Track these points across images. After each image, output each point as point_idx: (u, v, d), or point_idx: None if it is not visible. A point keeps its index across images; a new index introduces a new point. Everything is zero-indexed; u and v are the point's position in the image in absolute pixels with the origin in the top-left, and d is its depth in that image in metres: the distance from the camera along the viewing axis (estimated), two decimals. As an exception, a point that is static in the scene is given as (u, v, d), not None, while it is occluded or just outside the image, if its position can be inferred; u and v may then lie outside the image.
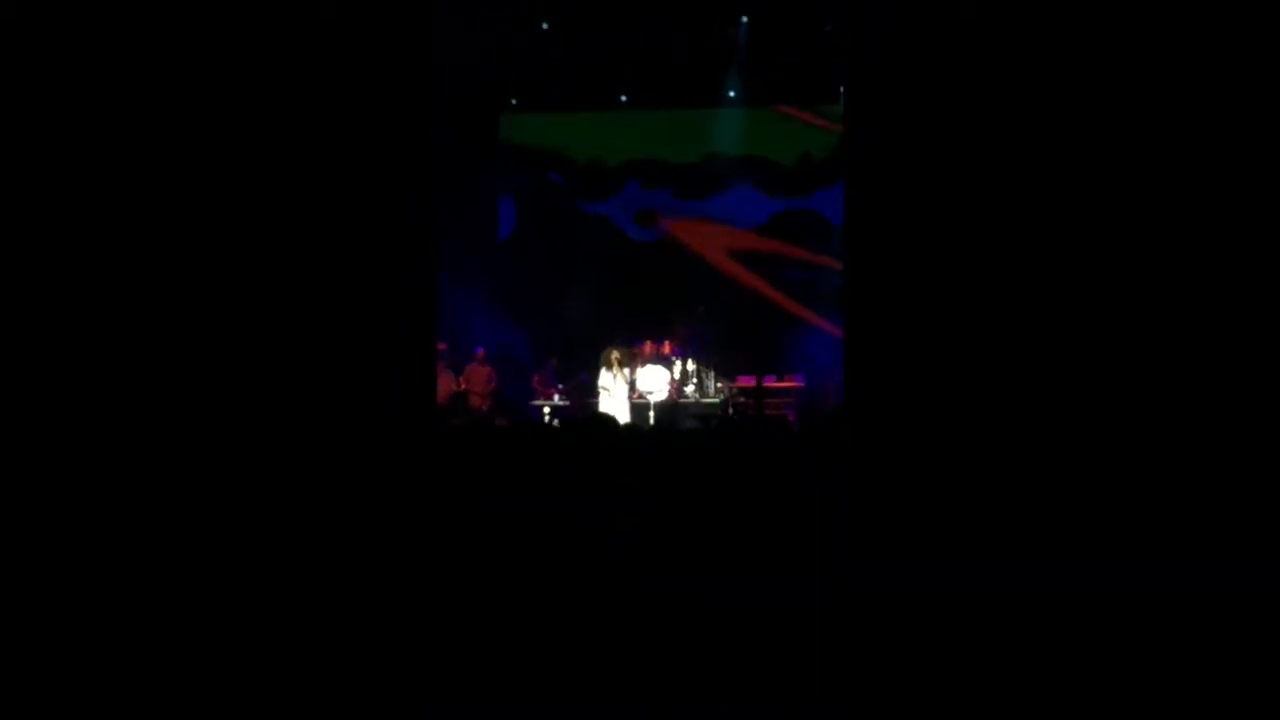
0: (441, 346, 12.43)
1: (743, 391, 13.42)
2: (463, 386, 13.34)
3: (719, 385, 13.25)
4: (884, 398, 4.63)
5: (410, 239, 4.90)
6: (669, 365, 13.07)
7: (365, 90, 4.78)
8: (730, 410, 12.83)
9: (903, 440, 4.58)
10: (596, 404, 12.55)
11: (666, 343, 13.38)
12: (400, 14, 4.89)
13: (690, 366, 13.16)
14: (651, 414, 12.55)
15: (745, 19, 12.88)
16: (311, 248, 4.72)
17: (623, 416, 12.22)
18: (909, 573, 4.41)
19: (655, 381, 12.85)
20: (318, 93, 4.74)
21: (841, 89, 13.49)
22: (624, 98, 13.96)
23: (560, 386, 13.65)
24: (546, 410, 13.23)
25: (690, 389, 13.04)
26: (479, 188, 14.36)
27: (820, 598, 4.49)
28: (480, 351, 13.71)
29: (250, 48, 4.72)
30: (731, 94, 13.79)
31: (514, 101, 14.11)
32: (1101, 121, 4.53)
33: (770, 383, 13.53)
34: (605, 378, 12.50)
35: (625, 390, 12.56)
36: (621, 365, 12.53)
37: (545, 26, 12.78)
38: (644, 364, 13.00)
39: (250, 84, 4.71)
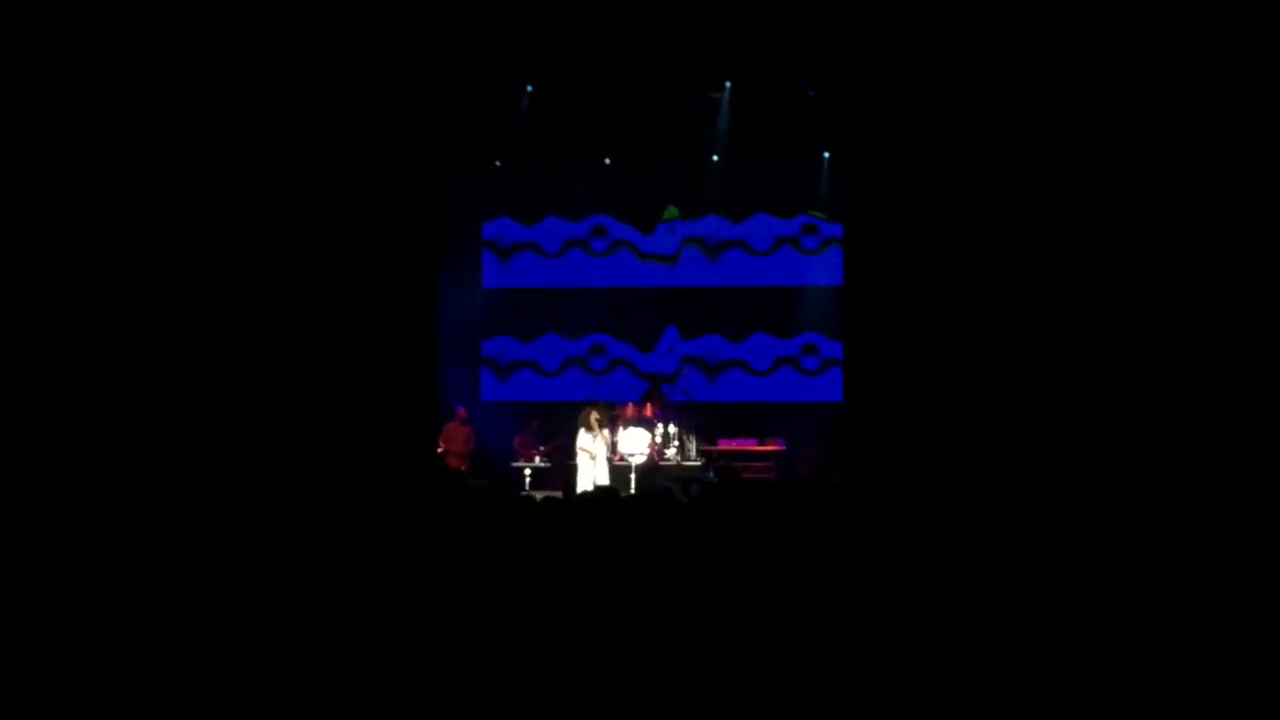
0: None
1: (724, 455, 13.36)
2: (441, 448, 13.23)
3: (701, 448, 13.18)
4: (886, 404, 4.68)
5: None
6: (651, 428, 12.99)
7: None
8: (711, 474, 12.75)
9: (903, 443, 4.62)
10: (576, 466, 12.40)
11: (649, 406, 13.31)
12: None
13: (672, 429, 13.09)
14: (633, 476, 12.43)
15: (729, 84, 12.96)
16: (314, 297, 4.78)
17: (602, 479, 12.09)
18: (909, 574, 4.40)
19: (637, 444, 12.74)
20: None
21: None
22: (607, 160, 14.01)
23: (542, 448, 13.55)
24: (527, 472, 13.12)
25: (671, 452, 12.96)
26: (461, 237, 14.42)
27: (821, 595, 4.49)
28: (461, 411, 13.62)
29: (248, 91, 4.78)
30: (715, 158, 13.84)
31: (498, 164, 14.12)
32: (1097, 148, 4.58)
33: (751, 446, 13.50)
34: (584, 439, 12.26)
35: (605, 452, 12.40)
36: (601, 426, 12.34)
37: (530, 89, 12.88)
38: (626, 426, 12.91)
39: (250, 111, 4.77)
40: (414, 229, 5.04)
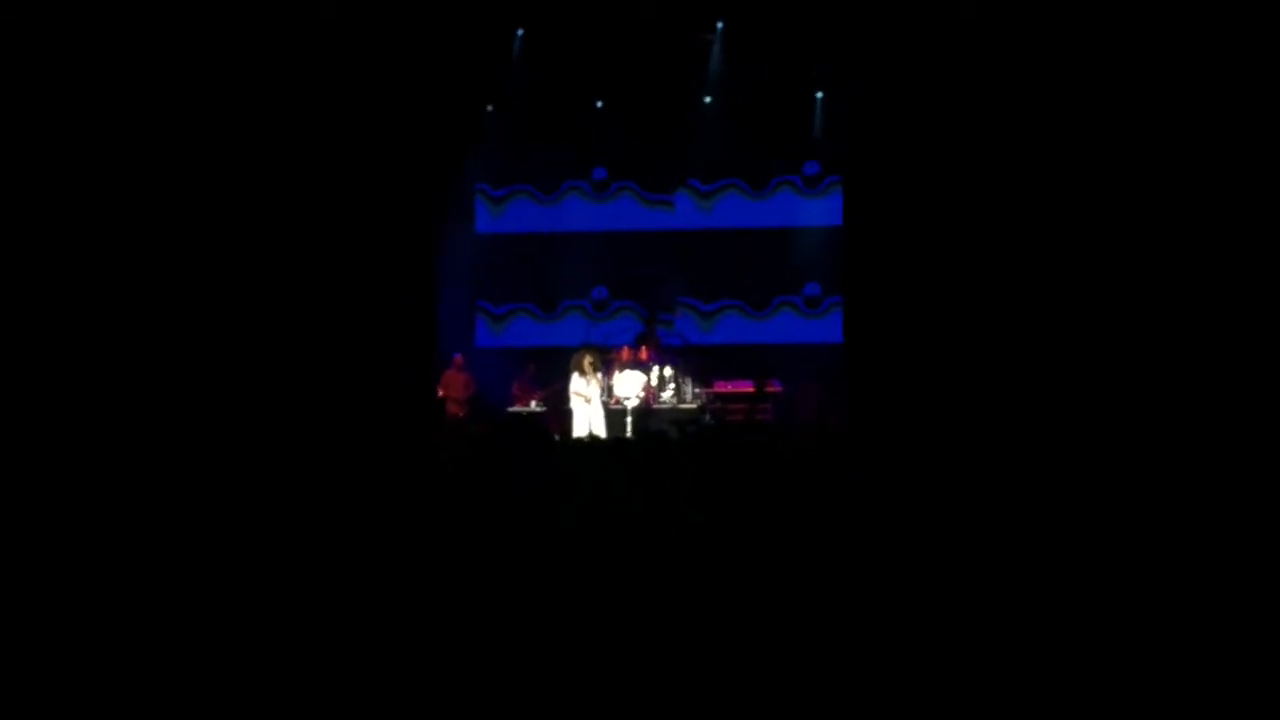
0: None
1: (720, 397, 13.41)
2: (440, 394, 13.31)
3: (696, 391, 13.21)
4: (886, 399, 4.68)
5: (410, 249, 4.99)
6: (646, 371, 13.00)
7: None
8: (707, 416, 12.78)
9: (903, 434, 4.62)
10: (571, 411, 12.44)
11: (644, 349, 13.33)
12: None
13: (668, 372, 13.11)
14: (629, 419, 12.47)
15: (720, 24, 12.92)
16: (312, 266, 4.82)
17: (598, 422, 12.11)
18: (910, 569, 4.42)
19: (632, 387, 12.75)
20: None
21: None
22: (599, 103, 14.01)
23: (539, 392, 13.61)
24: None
25: (667, 395, 12.98)
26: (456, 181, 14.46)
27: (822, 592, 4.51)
28: (458, 358, 13.70)
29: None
30: (708, 99, 13.81)
31: (490, 108, 14.12)
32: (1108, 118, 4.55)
33: (748, 388, 13.53)
34: (578, 383, 12.18)
35: (600, 395, 12.40)
36: (595, 370, 12.32)
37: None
38: (621, 370, 12.92)
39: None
40: (413, 228, 5.04)
